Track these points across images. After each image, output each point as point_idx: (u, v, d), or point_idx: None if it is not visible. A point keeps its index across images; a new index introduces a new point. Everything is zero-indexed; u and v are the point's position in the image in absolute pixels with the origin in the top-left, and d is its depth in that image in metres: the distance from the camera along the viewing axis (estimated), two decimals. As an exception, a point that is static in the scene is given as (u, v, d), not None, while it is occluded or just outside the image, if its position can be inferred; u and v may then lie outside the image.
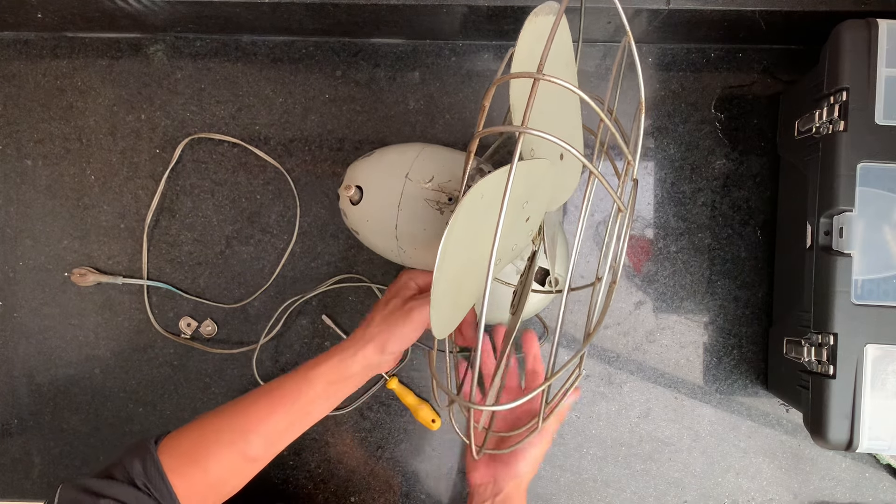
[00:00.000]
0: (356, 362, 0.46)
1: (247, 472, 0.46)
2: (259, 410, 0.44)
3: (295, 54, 0.69)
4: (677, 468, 0.70)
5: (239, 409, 0.45)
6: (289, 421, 0.45)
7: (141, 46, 0.69)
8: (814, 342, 0.56)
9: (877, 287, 0.54)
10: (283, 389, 0.45)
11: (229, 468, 0.44)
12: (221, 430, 0.44)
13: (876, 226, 0.54)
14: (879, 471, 0.69)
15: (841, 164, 0.54)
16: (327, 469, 0.70)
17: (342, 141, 0.69)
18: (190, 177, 0.69)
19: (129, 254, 0.70)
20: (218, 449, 0.43)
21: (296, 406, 0.45)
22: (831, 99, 0.55)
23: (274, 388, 0.46)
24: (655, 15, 0.61)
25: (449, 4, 0.60)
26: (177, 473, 0.42)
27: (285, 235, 0.69)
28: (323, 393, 0.45)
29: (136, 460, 0.42)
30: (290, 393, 0.45)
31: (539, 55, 0.32)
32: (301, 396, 0.45)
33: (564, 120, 0.44)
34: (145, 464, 0.42)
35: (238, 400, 0.46)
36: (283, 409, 0.44)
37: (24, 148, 0.70)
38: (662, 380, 0.69)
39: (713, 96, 0.69)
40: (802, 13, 0.59)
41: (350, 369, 0.46)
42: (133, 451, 0.43)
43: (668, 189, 0.69)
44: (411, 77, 0.69)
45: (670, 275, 0.69)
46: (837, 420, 0.54)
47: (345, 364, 0.46)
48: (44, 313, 0.70)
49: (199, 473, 0.43)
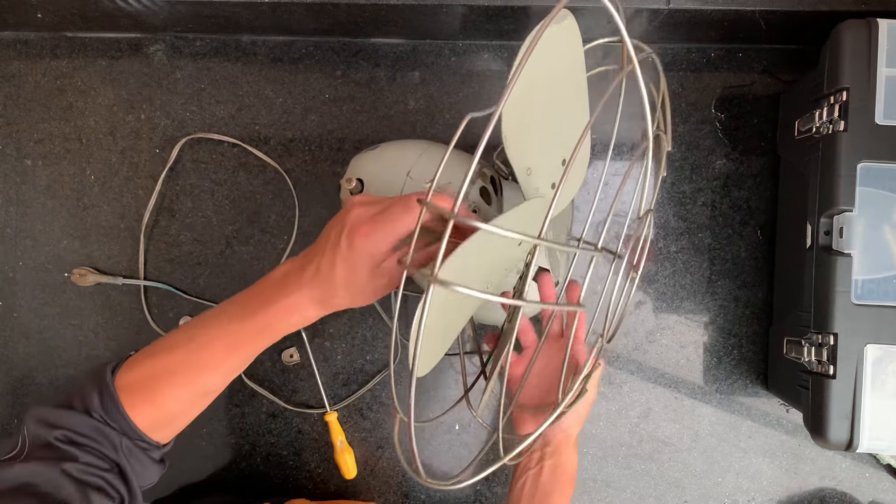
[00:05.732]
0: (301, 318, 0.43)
1: (203, 404, 0.46)
2: (216, 354, 0.43)
3: (295, 54, 0.69)
4: (677, 468, 0.70)
5: (193, 348, 0.43)
6: (243, 360, 0.44)
7: (141, 46, 0.69)
8: (814, 342, 0.56)
9: (877, 287, 0.54)
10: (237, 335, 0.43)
11: (186, 404, 0.44)
12: (177, 370, 0.43)
13: (876, 226, 0.54)
14: (879, 471, 0.69)
15: (841, 164, 0.54)
16: (327, 469, 0.70)
17: (342, 141, 0.69)
18: (190, 177, 0.69)
19: (129, 254, 0.70)
20: (174, 388, 0.43)
21: (250, 350, 0.44)
22: (831, 99, 0.55)
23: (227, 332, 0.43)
24: (655, 15, 0.61)
25: (449, 4, 0.60)
26: (135, 408, 0.42)
27: (285, 235, 0.69)
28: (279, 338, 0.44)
29: (94, 392, 0.42)
30: (246, 341, 0.43)
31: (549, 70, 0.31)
32: (256, 344, 0.43)
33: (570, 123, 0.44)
34: (102, 396, 0.41)
35: (192, 334, 0.44)
36: (237, 354, 0.43)
37: (24, 148, 0.70)
38: (662, 380, 0.69)
39: (713, 96, 0.69)
40: (802, 13, 0.59)
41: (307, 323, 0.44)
42: (91, 380, 0.43)
43: (668, 189, 0.69)
44: (411, 77, 0.69)
45: (670, 275, 0.69)
46: (837, 420, 0.54)
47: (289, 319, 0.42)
48: (44, 313, 0.70)
49: (155, 410, 0.43)
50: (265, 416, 0.70)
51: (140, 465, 0.43)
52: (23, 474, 0.38)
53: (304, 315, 0.42)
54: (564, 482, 0.52)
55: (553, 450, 0.52)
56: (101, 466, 0.40)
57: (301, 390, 0.70)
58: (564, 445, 0.53)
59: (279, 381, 0.70)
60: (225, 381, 0.45)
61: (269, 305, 0.42)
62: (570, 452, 0.53)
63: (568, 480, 0.52)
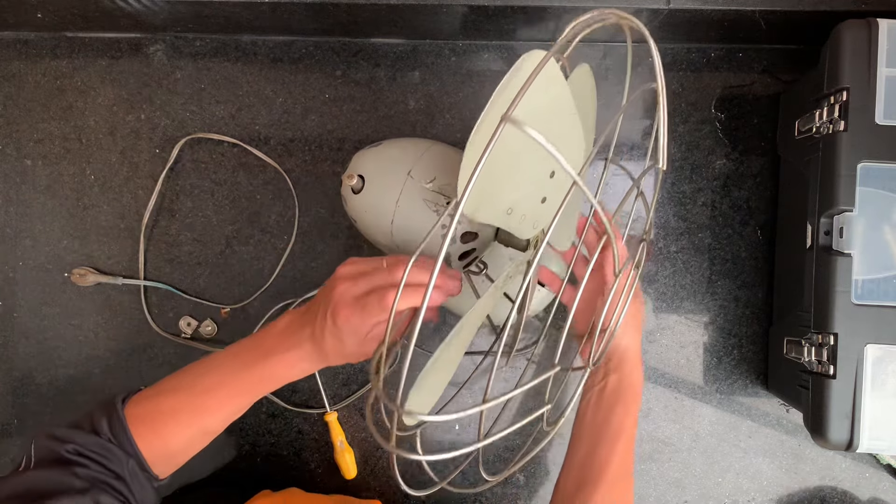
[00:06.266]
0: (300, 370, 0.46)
1: (203, 443, 0.48)
2: (217, 399, 0.45)
3: (295, 54, 0.69)
4: (677, 468, 0.70)
5: (197, 392, 0.46)
6: (243, 407, 0.47)
7: (141, 46, 0.69)
8: (814, 342, 0.56)
9: (877, 287, 0.54)
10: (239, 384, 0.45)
11: (187, 441, 0.46)
12: (181, 410, 0.45)
13: (876, 226, 0.54)
14: (879, 471, 0.69)
15: (841, 164, 0.54)
16: (327, 469, 0.70)
17: (342, 141, 0.69)
18: (190, 177, 0.69)
19: (129, 254, 0.70)
20: (178, 427, 0.45)
21: (250, 398, 0.46)
22: (831, 99, 0.55)
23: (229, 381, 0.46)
24: (655, 15, 0.61)
25: (449, 4, 0.60)
26: (141, 439, 0.44)
27: (285, 235, 0.69)
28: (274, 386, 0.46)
29: (103, 416, 0.43)
30: (245, 390, 0.46)
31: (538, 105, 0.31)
32: (255, 393, 0.46)
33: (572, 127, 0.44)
34: (111, 421, 0.43)
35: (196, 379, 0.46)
36: (238, 401, 0.46)
37: (24, 148, 0.70)
38: (662, 380, 0.69)
39: (713, 96, 0.69)
40: (802, 13, 0.59)
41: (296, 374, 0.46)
42: (101, 407, 0.45)
43: (669, 189, 0.69)
44: (411, 77, 0.69)
45: (670, 275, 0.69)
46: (837, 420, 0.54)
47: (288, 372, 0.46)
48: (44, 313, 0.70)
49: (160, 443, 0.44)
50: (265, 416, 0.70)
51: (142, 487, 0.44)
52: (37, 478, 0.40)
53: (302, 368, 0.45)
54: (629, 395, 0.52)
55: (615, 364, 0.53)
56: (109, 474, 0.42)
57: (301, 390, 0.70)
58: (625, 359, 0.53)
59: (279, 381, 0.70)
60: (225, 423, 0.47)
61: (270, 357, 0.44)
62: (632, 366, 0.53)
63: (632, 394, 0.53)
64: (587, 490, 0.49)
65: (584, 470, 0.51)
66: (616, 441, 0.50)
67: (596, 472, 0.50)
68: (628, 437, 0.51)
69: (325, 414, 0.68)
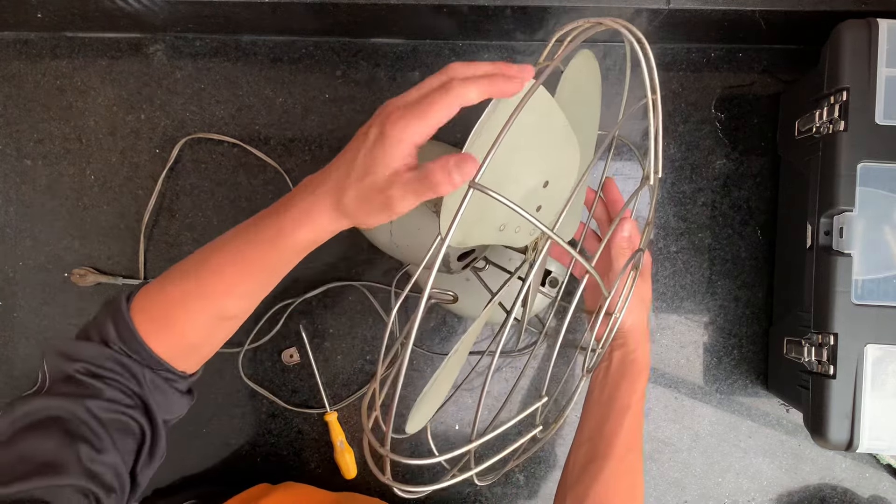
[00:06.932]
0: (319, 228, 0.39)
1: (228, 329, 0.44)
2: (227, 276, 0.41)
3: (295, 54, 0.69)
4: (677, 468, 0.70)
5: (204, 273, 0.41)
6: (260, 284, 0.42)
7: (141, 46, 0.69)
8: (814, 342, 0.56)
9: (877, 287, 0.54)
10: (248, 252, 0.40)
11: (206, 330, 0.42)
12: (190, 296, 0.41)
13: (876, 226, 0.54)
14: (879, 471, 0.69)
15: (841, 164, 0.54)
16: (327, 469, 0.70)
17: (342, 141, 0.69)
18: (190, 177, 0.69)
19: (129, 254, 0.70)
20: (190, 315, 0.41)
21: (265, 273, 0.41)
22: (831, 99, 0.55)
23: (239, 254, 0.40)
24: (655, 15, 0.61)
25: (449, 4, 0.60)
26: (152, 336, 0.40)
27: (285, 235, 0.69)
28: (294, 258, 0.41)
29: (109, 322, 0.40)
30: (257, 261, 0.40)
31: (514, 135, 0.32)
32: (269, 264, 0.41)
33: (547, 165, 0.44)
34: (118, 326, 0.40)
35: (203, 259, 0.41)
36: (251, 278, 0.41)
37: (24, 148, 0.70)
38: (662, 380, 0.69)
39: (713, 96, 0.69)
40: (802, 13, 0.59)
41: (321, 238, 0.40)
42: (106, 311, 0.41)
43: (669, 189, 0.69)
44: (411, 77, 0.69)
45: (670, 275, 0.69)
46: (837, 420, 0.54)
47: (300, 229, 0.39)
48: (44, 313, 0.70)
49: (174, 337, 0.41)
50: (265, 416, 0.70)
51: (164, 397, 0.42)
52: (50, 406, 0.38)
53: (317, 224, 0.38)
54: (634, 371, 0.53)
55: (620, 341, 0.54)
56: (125, 402, 0.39)
57: (301, 390, 0.70)
58: (631, 335, 0.54)
59: (279, 381, 0.70)
60: (245, 304, 0.42)
61: (282, 213, 0.39)
62: (638, 342, 0.54)
63: (638, 369, 0.53)
64: (597, 464, 0.50)
65: (593, 445, 0.51)
66: (623, 415, 0.51)
67: (604, 446, 0.50)
68: (635, 412, 0.52)
69: (325, 414, 0.68)
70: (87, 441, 0.37)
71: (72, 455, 0.36)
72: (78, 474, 0.36)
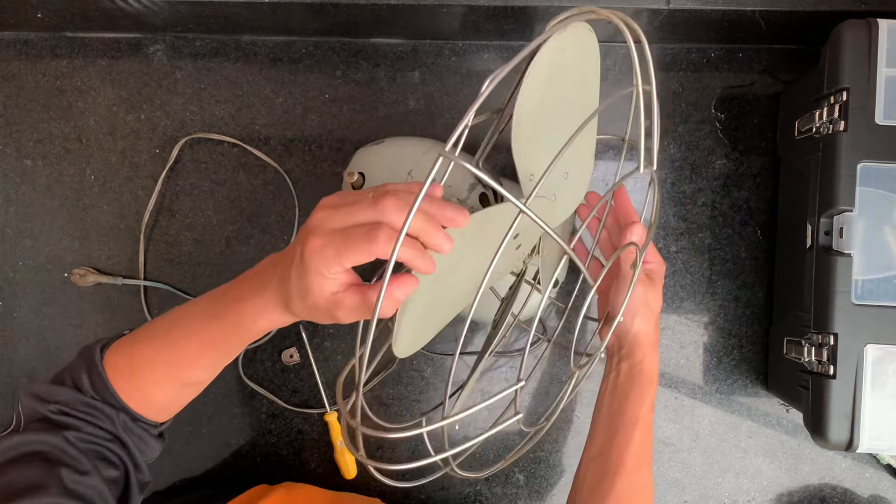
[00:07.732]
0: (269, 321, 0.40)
1: (192, 393, 0.45)
2: (191, 349, 0.42)
3: (295, 54, 0.69)
4: (677, 468, 0.70)
5: (171, 340, 0.42)
6: (224, 355, 0.43)
7: (141, 46, 0.69)
8: (814, 342, 0.56)
9: (877, 287, 0.54)
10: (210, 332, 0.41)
11: (172, 394, 0.44)
12: (157, 361, 0.42)
13: (876, 226, 0.54)
14: (879, 471, 0.69)
15: (841, 164, 0.54)
16: (327, 469, 0.70)
17: (342, 141, 0.69)
18: (190, 177, 0.69)
19: (129, 254, 0.70)
20: (157, 379, 0.43)
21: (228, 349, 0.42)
22: (831, 99, 0.55)
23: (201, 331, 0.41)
24: (655, 15, 0.61)
25: (449, 4, 0.60)
26: (123, 392, 0.41)
27: (285, 235, 0.69)
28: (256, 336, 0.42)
29: (83, 371, 0.42)
30: (220, 339, 0.41)
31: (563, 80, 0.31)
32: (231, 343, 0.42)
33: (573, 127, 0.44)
34: (91, 376, 0.41)
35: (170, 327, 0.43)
36: (214, 352, 0.42)
37: (24, 148, 0.70)
38: (662, 380, 0.69)
39: (713, 96, 0.69)
40: (802, 13, 0.59)
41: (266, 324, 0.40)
42: (82, 360, 0.42)
43: (669, 189, 0.69)
44: (411, 77, 0.69)
45: (670, 275, 0.69)
46: (837, 420, 0.54)
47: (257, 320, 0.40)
48: (44, 313, 0.70)
49: (142, 397, 0.42)
50: (265, 416, 0.70)
51: (139, 440, 0.43)
52: (29, 441, 0.38)
53: (272, 318, 0.39)
54: (642, 382, 0.51)
55: (627, 351, 0.52)
56: (102, 436, 0.40)
57: (301, 390, 0.70)
58: (637, 346, 0.52)
59: (279, 381, 0.70)
60: (207, 374, 0.44)
61: (239, 303, 0.40)
62: (645, 352, 0.52)
63: (646, 380, 0.52)
64: (608, 480, 0.49)
65: (604, 460, 0.50)
66: (633, 429, 0.50)
67: (615, 462, 0.50)
68: (645, 424, 0.51)
69: (325, 414, 0.68)
70: (68, 466, 0.38)
71: (53, 478, 0.37)
72: (60, 493, 0.36)
